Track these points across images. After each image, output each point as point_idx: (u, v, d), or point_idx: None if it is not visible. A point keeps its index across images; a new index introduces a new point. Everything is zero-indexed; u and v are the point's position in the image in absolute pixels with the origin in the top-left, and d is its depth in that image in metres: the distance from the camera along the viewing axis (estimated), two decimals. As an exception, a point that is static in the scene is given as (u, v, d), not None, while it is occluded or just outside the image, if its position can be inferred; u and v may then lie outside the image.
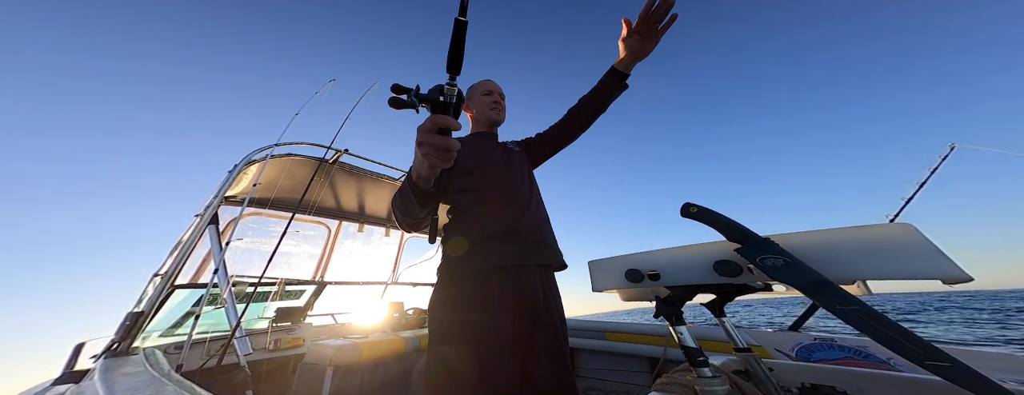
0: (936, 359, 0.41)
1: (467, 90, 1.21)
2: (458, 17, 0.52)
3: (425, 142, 0.58)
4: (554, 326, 0.89)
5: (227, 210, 1.82)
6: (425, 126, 0.58)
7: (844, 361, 1.45)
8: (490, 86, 1.17)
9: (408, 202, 0.76)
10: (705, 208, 0.62)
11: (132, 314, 1.33)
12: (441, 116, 0.57)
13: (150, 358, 1.11)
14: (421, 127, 0.59)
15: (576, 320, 2.23)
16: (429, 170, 0.66)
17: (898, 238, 0.47)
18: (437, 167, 0.62)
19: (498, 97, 1.17)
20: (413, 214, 0.79)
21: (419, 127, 0.59)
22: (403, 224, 0.85)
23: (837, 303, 0.47)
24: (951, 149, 2.05)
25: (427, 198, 0.75)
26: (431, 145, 0.57)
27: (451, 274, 0.90)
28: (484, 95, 1.16)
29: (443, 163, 0.60)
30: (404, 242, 3.04)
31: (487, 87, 1.17)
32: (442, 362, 0.80)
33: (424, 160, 0.61)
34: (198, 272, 1.80)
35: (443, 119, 0.57)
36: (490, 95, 1.16)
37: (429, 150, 0.58)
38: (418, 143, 0.59)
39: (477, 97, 1.17)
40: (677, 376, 0.69)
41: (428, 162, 0.60)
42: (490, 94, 1.16)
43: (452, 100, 0.57)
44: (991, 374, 0.41)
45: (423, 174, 0.68)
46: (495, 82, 1.19)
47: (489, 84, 1.17)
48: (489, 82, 1.18)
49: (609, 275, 0.75)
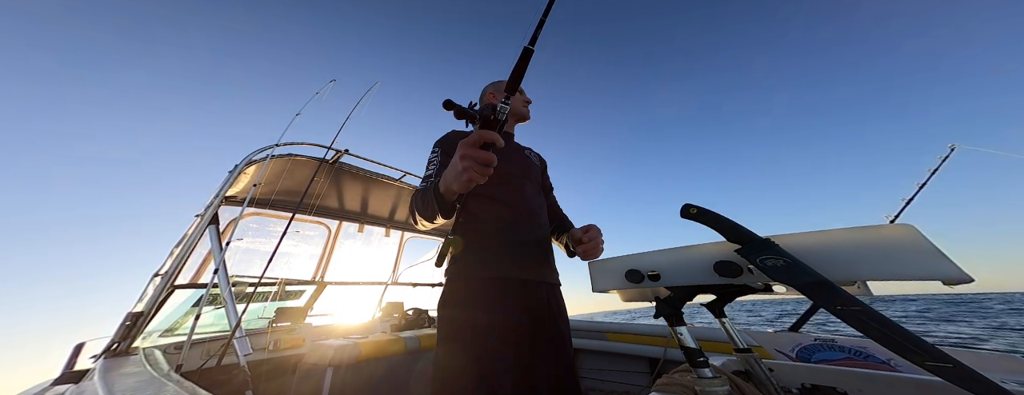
0: (937, 360, 0.41)
1: (488, 85, 1.19)
2: (527, 45, 0.57)
3: (469, 155, 0.59)
4: (560, 342, 0.90)
5: (227, 210, 1.82)
6: (471, 140, 0.60)
7: (844, 362, 1.45)
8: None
9: (432, 212, 0.76)
10: (705, 209, 0.62)
11: (132, 314, 1.33)
12: (488, 131, 0.59)
13: (150, 358, 1.11)
14: (466, 141, 0.60)
15: (576, 320, 2.23)
16: (465, 185, 0.63)
17: (898, 239, 0.47)
18: (474, 183, 0.62)
19: (528, 99, 1.18)
20: (434, 221, 0.79)
21: (463, 141, 0.61)
22: (422, 223, 0.85)
23: (838, 304, 0.47)
24: (951, 150, 2.04)
25: (453, 212, 0.76)
26: (474, 159, 0.59)
27: (461, 277, 0.90)
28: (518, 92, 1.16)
29: (480, 179, 0.61)
30: (404, 242, 3.04)
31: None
32: (449, 366, 0.80)
33: (462, 174, 0.61)
34: (198, 272, 1.80)
35: (490, 134, 0.59)
36: (522, 94, 1.17)
37: (471, 163, 0.59)
38: (461, 156, 0.60)
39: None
40: (677, 377, 0.68)
41: (466, 176, 0.60)
42: (522, 92, 1.17)
43: (503, 118, 0.60)
44: (992, 375, 0.41)
45: (455, 188, 0.66)
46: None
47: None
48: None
49: (609, 275, 0.75)
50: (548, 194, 1.21)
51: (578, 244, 0.91)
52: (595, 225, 0.94)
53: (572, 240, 0.94)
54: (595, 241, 0.90)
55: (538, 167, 1.16)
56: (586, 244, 0.89)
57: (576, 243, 0.92)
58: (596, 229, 0.92)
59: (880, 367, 1.39)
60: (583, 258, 0.90)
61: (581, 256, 0.91)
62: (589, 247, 0.89)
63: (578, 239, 0.91)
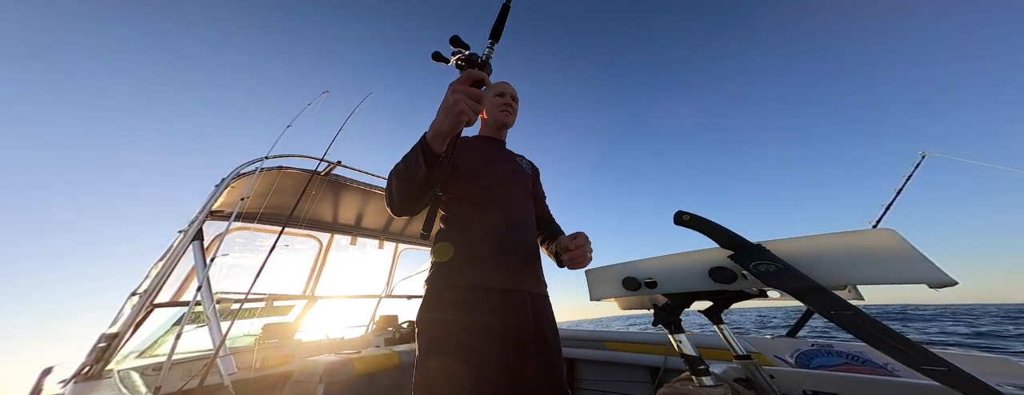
0: (933, 364, 0.41)
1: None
2: (505, 2, 0.65)
3: (459, 90, 0.63)
4: (544, 352, 0.85)
5: (213, 225, 1.77)
6: (460, 79, 0.65)
7: (843, 367, 1.45)
8: (504, 88, 1.11)
9: (414, 164, 0.72)
10: (697, 216, 0.63)
11: (106, 335, 1.27)
12: (477, 70, 0.65)
13: (125, 380, 1.05)
14: (456, 80, 0.65)
15: (575, 330, 2.19)
16: (454, 123, 0.65)
17: (882, 243, 0.47)
18: (465, 117, 0.64)
19: (510, 99, 1.11)
20: (417, 177, 0.72)
21: (453, 81, 0.66)
22: (401, 197, 0.80)
23: (831, 308, 0.47)
24: (922, 157, 2.12)
25: (436, 161, 0.71)
26: (465, 92, 0.63)
27: (439, 287, 0.86)
28: (496, 96, 1.10)
29: (471, 115, 0.64)
30: (398, 254, 2.99)
31: (500, 88, 1.11)
32: (429, 377, 0.76)
33: (453, 108, 0.63)
34: (180, 290, 1.73)
35: (478, 72, 0.64)
36: (502, 97, 1.10)
37: (462, 96, 0.62)
38: (451, 90, 0.64)
39: (488, 97, 1.10)
40: (678, 386, 0.67)
41: (458, 109, 0.63)
42: (502, 95, 1.10)
43: (487, 59, 0.66)
44: (987, 378, 0.41)
45: (445, 128, 0.66)
46: (510, 85, 1.12)
47: (503, 86, 1.11)
48: (504, 84, 1.12)
49: (606, 283, 0.74)
50: (539, 202, 1.18)
51: (565, 251, 0.87)
52: (583, 232, 0.89)
53: (560, 247, 0.90)
54: (583, 249, 0.86)
55: (529, 175, 1.13)
56: (573, 251, 0.85)
57: (563, 250, 0.88)
58: (583, 236, 0.88)
59: (878, 371, 1.39)
60: (570, 267, 0.87)
61: (568, 265, 0.87)
62: (576, 255, 0.85)
63: (565, 247, 0.87)
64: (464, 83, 0.64)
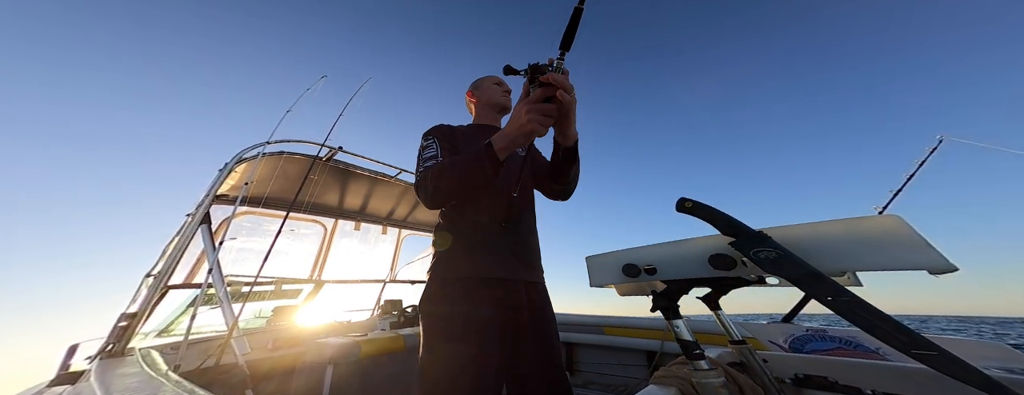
0: (922, 348, 0.42)
1: (475, 81, 1.21)
2: (577, 5, 0.63)
3: (533, 109, 0.66)
4: (543, 337, 0.88)
5: (219, 209, 1.79)
6: (534, 97, 0.67)
7: (836, 351, 1.49)
8: (500, 79, 1.19)
9: (479, 168, 0.76)
10: (699, 202, 0.63)
11: (125, 315, 1.32)
12: (548, 87, 0.66)
13: (146, 359, 1.10)
14: (529, 98, 0.68)
15: (574, 315, 2.25)
16: (527, 138, 0.71)
17: (886, 229, 0.48)
18: (535, 135, 0.70)
19: (508, 88, 1.18)
20: (482, 178, 0.77)
21: (528, 99, 0.68)
22: (452, 191, 0.81)
23: (828, 294, 0.47)
24: (940, 141, 2.06)
25: (499, 167, 0.77)
26: (539, 111, 0.66)
27: (441, 276, 0.88)
28: (495, 84, 1.17)
29: (543, 131, 0.69)
30: (401, 240, 3.03)
31: (498, 79, 1.19)
32: (434, 362, 0.79)
33: (526, 125, 0.67)
34: (192, 272, 1.78)
35: (550, 89, 0.65)
36: (500, 85, 1.17)
37: (536, 115, 0.66)
38: (525, 110, 0.67)
39: (486, 85, 1.17)
40: (674, 369, 0.70)
41: (531, 126, 0.67)
42: (500, 84, 1.18)
43: (557, 68, 0.66)
44: (975, 362, 0.42)
45: (517, 144, 0.72)
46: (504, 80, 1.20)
47: (499, 78, 1.19)
48: (498, 77, 1.20)
49: (606, 270, 0.75)
50: (543, 167, 1.15)
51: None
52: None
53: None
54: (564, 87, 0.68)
55: (527, 154, 1.13)
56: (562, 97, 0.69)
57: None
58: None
59: (870, 356, 1.42)
60: (564, 109, 0.71)
61: (567, 106, 0.71)
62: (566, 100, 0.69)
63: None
64: (537, 101, 0.67)
